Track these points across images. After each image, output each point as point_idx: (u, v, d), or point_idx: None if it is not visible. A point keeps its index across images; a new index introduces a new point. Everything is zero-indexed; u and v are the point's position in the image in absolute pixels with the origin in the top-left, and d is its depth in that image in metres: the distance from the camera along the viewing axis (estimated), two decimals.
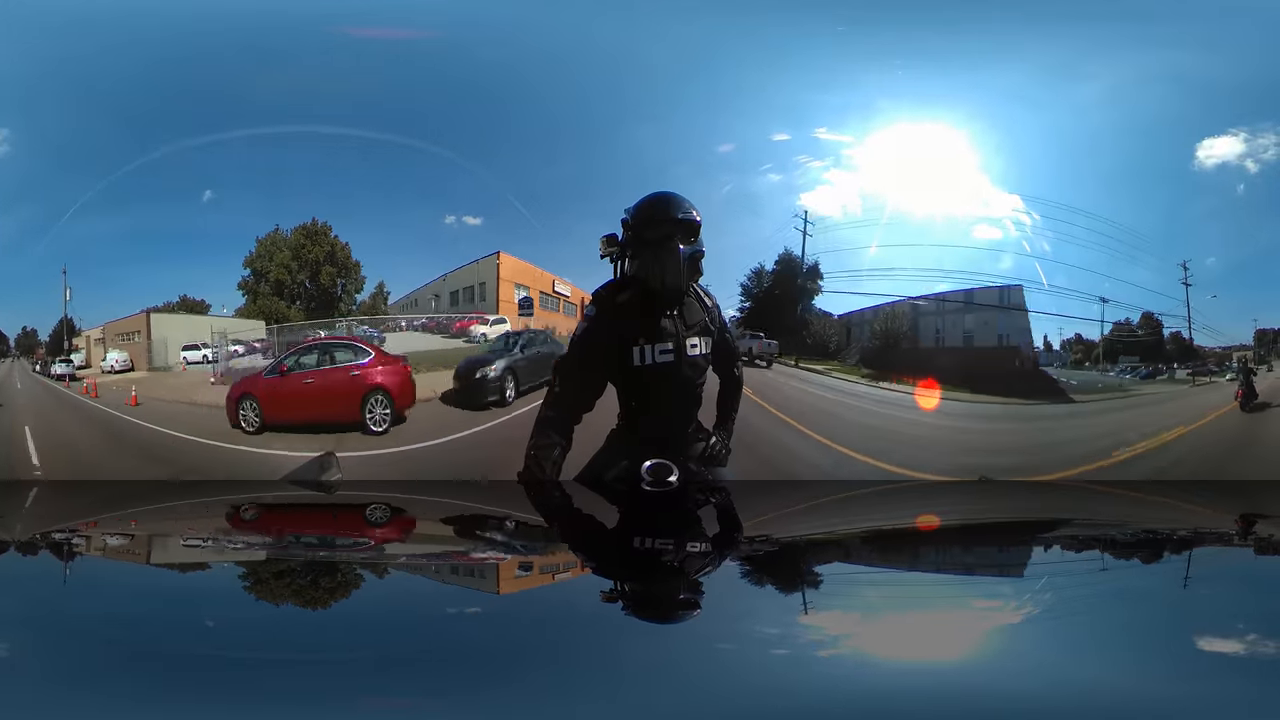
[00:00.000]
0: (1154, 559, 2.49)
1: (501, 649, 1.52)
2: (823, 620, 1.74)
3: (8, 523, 3.14)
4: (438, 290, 5.56)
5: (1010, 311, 4.77)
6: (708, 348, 2.85)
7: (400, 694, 1.31)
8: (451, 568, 2.27)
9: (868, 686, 1.36)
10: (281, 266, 5.29)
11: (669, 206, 2.76)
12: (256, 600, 1.91)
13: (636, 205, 2.81)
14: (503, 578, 2.11)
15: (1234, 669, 1.45)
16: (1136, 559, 2.50)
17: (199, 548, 2.58)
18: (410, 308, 5.58)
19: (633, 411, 2.87)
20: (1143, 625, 1.69)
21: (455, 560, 2.39)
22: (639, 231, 2.77)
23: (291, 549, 2.55)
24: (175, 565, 2.35)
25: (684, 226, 2.75)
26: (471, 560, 2.38)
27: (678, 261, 2.71)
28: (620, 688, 1.36)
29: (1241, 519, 3.35)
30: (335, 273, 5.36)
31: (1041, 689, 1.33)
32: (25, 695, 1.30)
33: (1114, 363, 5.26)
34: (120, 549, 2.54)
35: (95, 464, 4.80)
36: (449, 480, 4.43)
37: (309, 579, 2.11)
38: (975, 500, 3.86)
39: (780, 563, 2.33)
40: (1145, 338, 5.29)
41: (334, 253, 5.26)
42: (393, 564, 2.32)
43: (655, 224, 2.74)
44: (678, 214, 2.75)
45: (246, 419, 4.87)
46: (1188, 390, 5.28)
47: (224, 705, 1.29)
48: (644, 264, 2.73)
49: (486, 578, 2.12)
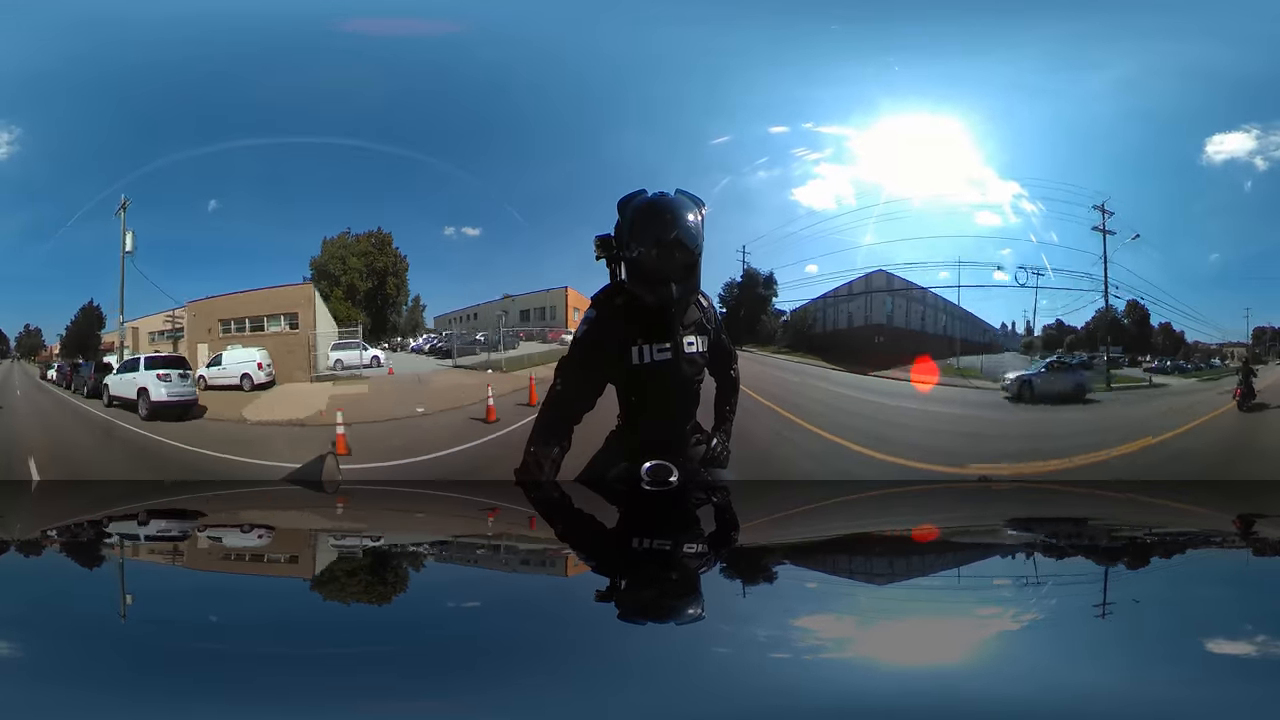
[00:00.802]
0: (1155, 560, 2.49)
1: (501, 649, 1.52)
2: (821, 622, 1.74)
3: (8, 522, 3.14)
4: (506, 307, 5.73)
5: (895, 295, 5.54)
6: (704, 346, 2.86)
7: (400, 694, 1.31)
8: (451, 567, 2.28)
9: (866, 689, 1.36)
10: (356, 272, 5.20)
11: (669, 209, 2.69)
12: (256, 600, 1.91)
13: (633, 207, 2.72)
14: (503, 578, 2.11)
15: (1237, 670, 1.45)
16: (1137, 560, 2.50)
17: (198, 548, 2.58)
18: (469, 320, 5.73)
19: (632, 410, 2.89)
20: (1144, 627, 1.69)
21: (455, 560, 2.39)
22: (637, 237, 2.69)
23: (291, 549, 2.55)
24: (175, 565, 2.35)
25: (680, 238, 2.65)
26: (471, 560, 2.39)
27: (677, 270, 2.66)
28: (620, 688, 1.36)
29: (1240, 519, 3.35)
30: (397, 283, 5.38)
31: (1041, 692, 1.33)
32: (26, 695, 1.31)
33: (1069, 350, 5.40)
34: (120, 549, 2.54)
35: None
36: (449, 480, 4.43)
37: (308, 579, 2.11)
38: (975, 502, 3.87)
39: (779, 564, 2.33)
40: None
41: (396, 263, 5.29)
42: (392, 564, 2.33)
43: (653, 230, 2.66)
44: (676, 227, 2.66)
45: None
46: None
47: (223, 705, 1.29)
48: (643, 264, 2.67)
49: (486, 577, 2.12)
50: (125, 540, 2.74)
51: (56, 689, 1.33)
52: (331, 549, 2.55)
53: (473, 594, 1.97)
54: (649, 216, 2.68)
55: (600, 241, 2.77)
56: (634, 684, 1.37)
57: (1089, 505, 3.72)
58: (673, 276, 2.65)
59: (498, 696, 1.30)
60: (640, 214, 2.69)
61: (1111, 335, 5.38)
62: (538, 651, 1.50)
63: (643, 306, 2.76)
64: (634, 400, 2.87)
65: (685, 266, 2.67)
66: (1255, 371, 5.15)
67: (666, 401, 2.87)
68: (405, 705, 1.30)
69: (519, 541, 2.64)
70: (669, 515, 2.78)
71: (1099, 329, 5.36)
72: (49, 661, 1.46)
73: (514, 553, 2.47)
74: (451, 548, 2.64)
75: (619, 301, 2.79)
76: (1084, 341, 5.41)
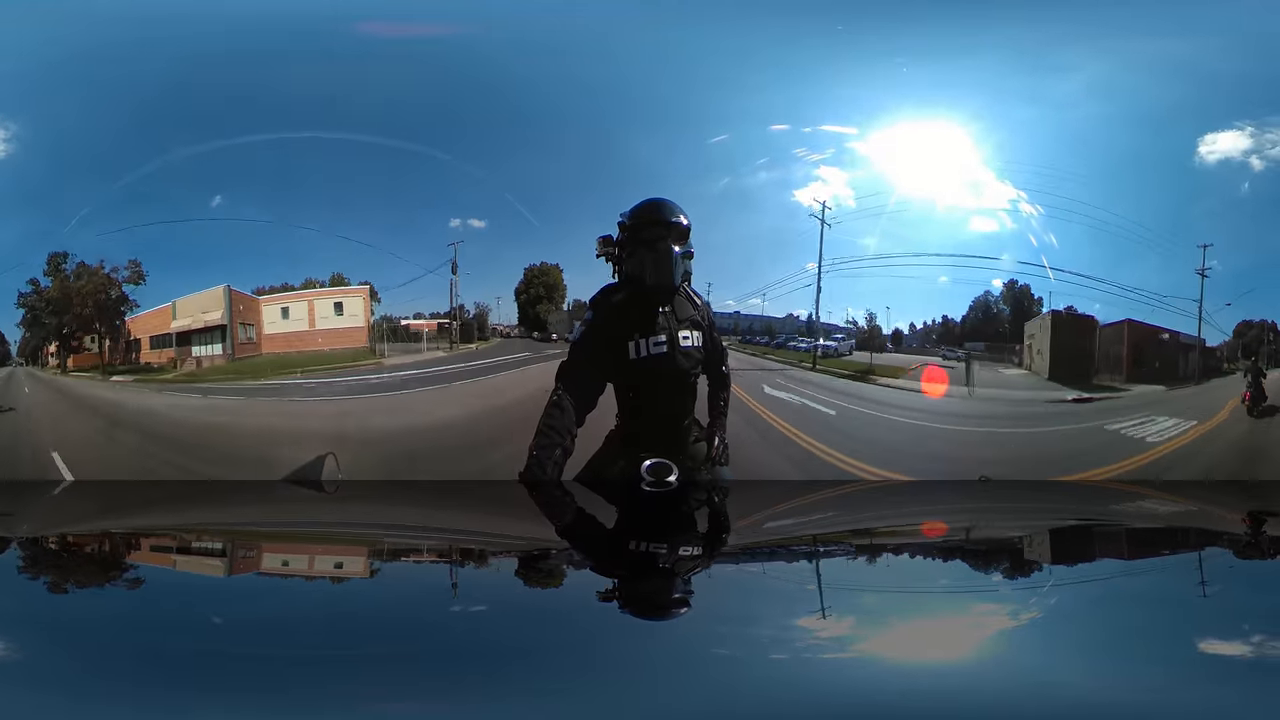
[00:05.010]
0: (1156, 559, 2.49)
1: (502, 649, 1.51)
2: (821, 621, 1.73)
3: (10, 522, 3.14)
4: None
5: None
6: (700, 341, 2.96)
7: (400, 694, 1.31)
8: (452, 567, 2.28)
9: (867, 688, 1.36)
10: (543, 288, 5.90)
11: (662, 210, 2.93)
12: (255, 600, 1.91)
13: (632, 209, 2.96)
14: (503, 577, 2.11)
15: (1240, 671, 1.45)
16: (1139, 559, 2.50)
17: (197, 547, 2.58)
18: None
19: (630, 405, 2.93)
20: (1146, 627, 1.68)
21: (455, 560, 2.40)
22: (635, 233, 2.91)
23: (291, 549, 2.55)
24: (175, 565, 2.34)
25: (675, 229, 2.91)
26: (472, 560, 2.39)
27: (670, 259, 2.86)
28: (620, 688, 1.36)
29: (1249, 517, 3.35)
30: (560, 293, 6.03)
31: (1041, 691, 1.33)
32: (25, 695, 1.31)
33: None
34: (119, 549, 2.54)
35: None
36: (449, 480, 4.44)
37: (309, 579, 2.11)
38: (976, 500, 3.86)
39: (779, 563, 2.33)
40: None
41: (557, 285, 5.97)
42: (392, 564, 2.33)
43: (650, 225, 2.90)
44: (670, 217, 2.91)
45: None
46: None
47: (223, 705, 1.29)
48: (640, 261, 2.88)
49: (487, 577, 2.12)
50: (124, 540, 2.74)
51: (55, 689, 1.33)
52: (332, 549, 2.55)
53: (473, 594, 1.97)
54: (646, 202, 2.97)
55: (603, 240, 2.99)
56: (634, 683, 1.37)
57: (1090, 504, 3.72)
58: (670, 260, 2.84)
59: (498, 696, 1.30)
60: (643, 204, 2.97)
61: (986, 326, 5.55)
62: (538, 651, 1.50)
63: (639, 302, 2.87)
64: (632, 396, 2.91)
65: (678, 235, 2.90)
66: (1265, 372, 5.01)
67: (664, 396, 2.92)
68: (406, 705, 1.30)
69: (519, 541, 2.65)
70: (669, 514, 2.79)
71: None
72: (48, 662, 1.46)
73: (514, 552, 2.48)
74: (452, 547, 2.64)
75: (615, 299, 2.91)
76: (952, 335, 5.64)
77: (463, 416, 5.29)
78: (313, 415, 5.20)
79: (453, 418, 5.26)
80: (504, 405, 5.06)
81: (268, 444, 4.74)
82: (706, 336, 2.99)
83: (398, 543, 2.73)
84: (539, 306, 5.83)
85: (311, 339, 5.57)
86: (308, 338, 5.57)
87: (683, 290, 2.96)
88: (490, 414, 5.16)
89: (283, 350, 5.56)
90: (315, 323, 5.56)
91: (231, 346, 5.56)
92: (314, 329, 5.56)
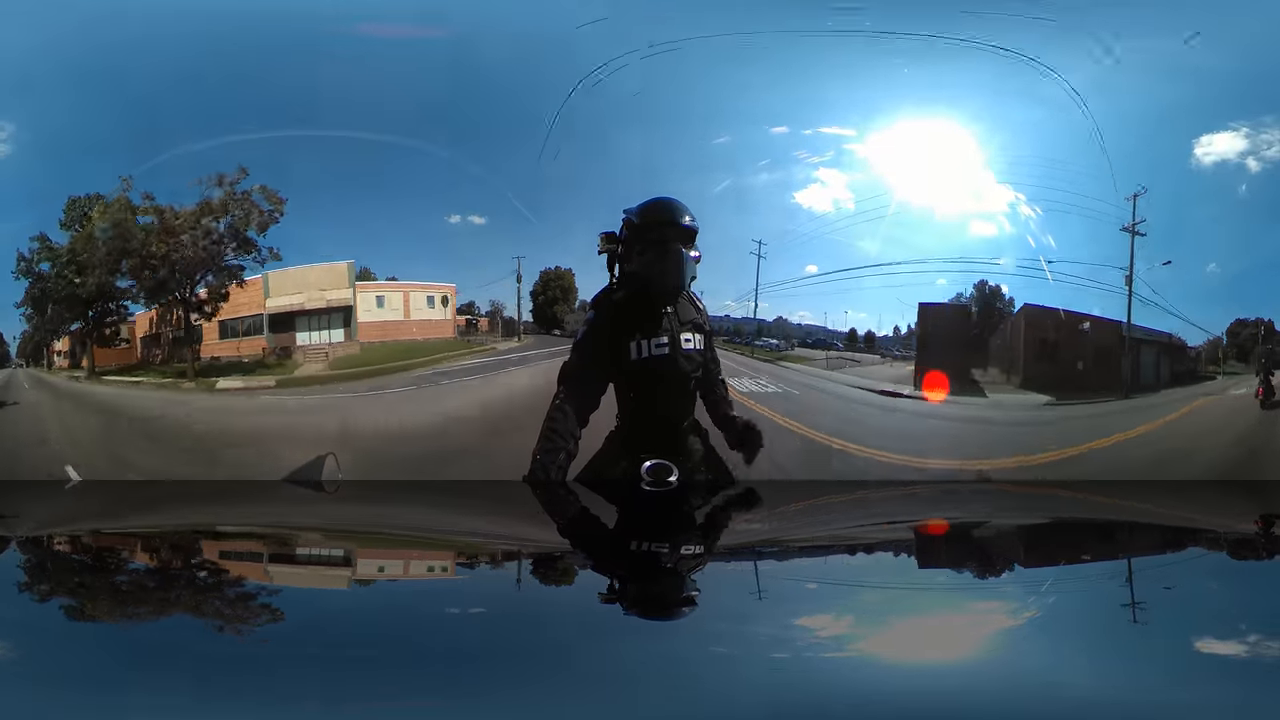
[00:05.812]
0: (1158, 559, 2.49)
1: (502, 649, 1.51)
2: (822, 621, 1.73)
3: (11, 522, 3.14)
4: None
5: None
6: (701, 345, 2.95)
7: (400, 694, 1.31)
8: (452, 567, 2.28)
9: (867, 687, 1.35)
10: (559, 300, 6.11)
11: (672, 210, 2.90)
12: (255, 600, 1.91)
13: (642, 206, 2.92)
14: (503, 577, 2.11)
15: (1242, 671, 1.45)
16: (1140, 560, 2.50)
17: (198, 547, 2.58)
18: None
19: (631, 406, 2.92)
20: (1146, 627, 1.69)
21: (456, 560, 2.40)
22: (642, 232, 2.88)
23: (291, 549, 2.55)
24: (175, 565, 2.34)
25: (685, 230, 2.88)
26: (473, 560, 2.39)
27: (681, 261, 2.84)
28: (620, 688, 1.36)
29: (1261, 519, 3.34)
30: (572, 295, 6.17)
31: (1041, 691, 1.33)
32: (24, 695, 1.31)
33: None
34: (119, 549, 2.54)
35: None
36: (450, 480, 4.43)
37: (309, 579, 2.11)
38: (976, 501, 3.87)
39: (780, 563, 2.33)
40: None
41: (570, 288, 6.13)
42: (393, 564, 2.33)
43: (659, 225, 2.87)
44: (680, 218, 2.89)
45: None
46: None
47: (223, 705, 1.29)
48: (648, 262, 2.86)
49: (488, 577, 2.12)
50: (124, 540, 2.74)
51: (54, 689, 1.33)
52: (331, 549, 2.55)
53: (474, 594, 1.97)
54: (655, 201, 2.94)
55: (605, 237, 2.96)
56: (636, 683, 1.37)
57: (1090, 504, 3.72)
58: (679, 262, 2.83)
59: (498, 696, 1.30)
60: (654, 203, 2.95)
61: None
62: (539, 651, 1.50)
63: (640, 303, 2.85)
64: (632, 397, 2.90)
65: (687, 237, 2.88)
66: (1275, 371, 5.03)
67: (664, 397, 2.91)
68: (406, 705, 1.29)
69: (520, 542, 2.64)
70: (669, 514, 2.79)
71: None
72: (48, 662, 1.46)
73: (515, 553, 2.47)
74: (452, 548, 2.64)
75: (616, 299, 2.90)
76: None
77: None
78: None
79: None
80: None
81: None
82: (706, 342, 2.99)
83: (397, 543, 2.72)
84: (556, 307, 6.09)
85: (406, 329, 5.61)
86: (403, 328, 5.60)
87: (684, 294, 2.95)
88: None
89: (378, 339, 5.56)
90: (410, 313, 5.62)
91: (355, 331, 5.42)
92: (409, 319, 5.62)
